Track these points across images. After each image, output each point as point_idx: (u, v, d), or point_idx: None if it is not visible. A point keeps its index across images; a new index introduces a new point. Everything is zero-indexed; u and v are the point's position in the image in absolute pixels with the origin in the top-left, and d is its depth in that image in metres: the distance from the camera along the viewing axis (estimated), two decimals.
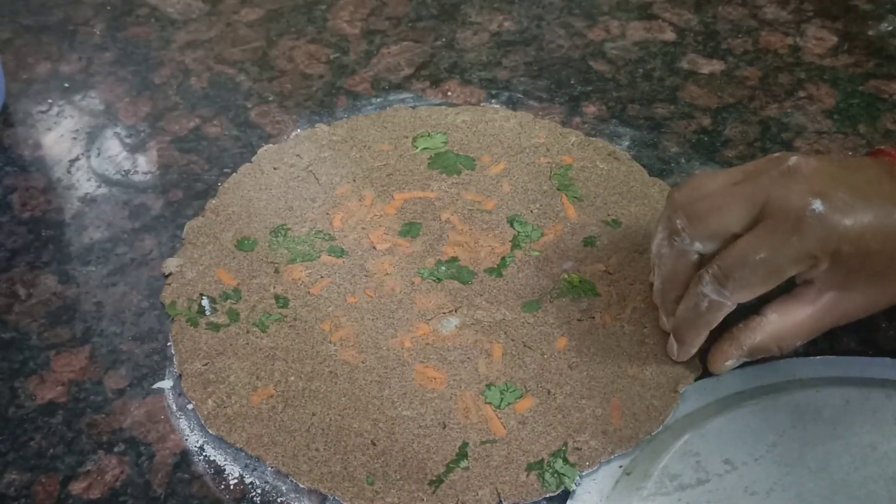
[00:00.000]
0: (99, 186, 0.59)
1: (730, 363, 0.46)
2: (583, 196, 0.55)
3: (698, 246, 0.44)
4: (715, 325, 0.45)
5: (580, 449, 0.43)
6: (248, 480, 0.43)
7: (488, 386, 0.46)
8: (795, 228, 0.42)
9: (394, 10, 0.74)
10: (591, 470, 0.43)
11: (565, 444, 0.44)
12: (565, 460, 0.43)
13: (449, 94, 0.65)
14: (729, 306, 0.44)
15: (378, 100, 0.65)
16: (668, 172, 0.58)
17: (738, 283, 0.43)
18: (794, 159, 0.44)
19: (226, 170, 0.59)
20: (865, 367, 0.47)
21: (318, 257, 0.52)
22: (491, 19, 0.73)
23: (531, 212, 0.55)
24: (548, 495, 0.42)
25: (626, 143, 0.60)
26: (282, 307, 0.50)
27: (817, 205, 0.42)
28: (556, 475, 0.42)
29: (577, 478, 0.42)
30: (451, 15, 0.74)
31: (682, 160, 0.59)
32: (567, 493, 0.42)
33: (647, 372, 0.46)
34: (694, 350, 0.46)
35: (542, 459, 0.43)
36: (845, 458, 0.42)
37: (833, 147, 0.60)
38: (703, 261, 0.45)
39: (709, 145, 0.60)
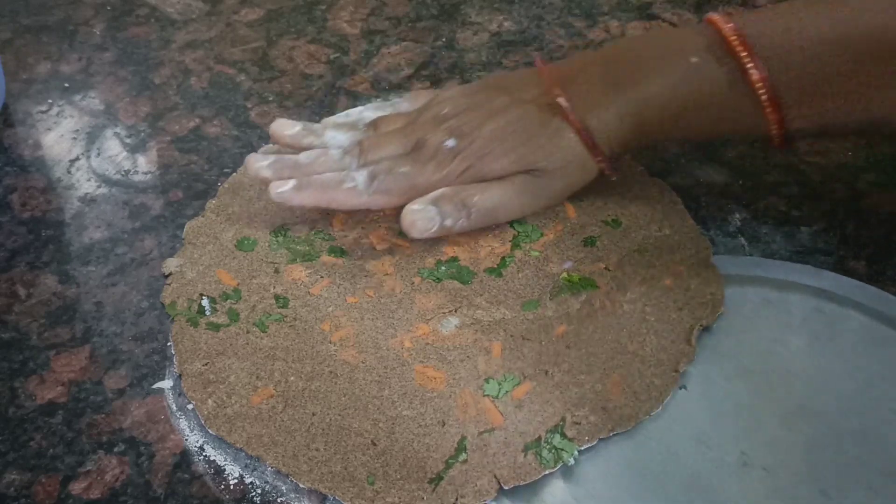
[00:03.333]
0: (99, 186, 0.59)
1: (417, 208, 0.50)
2: (582, 196, 0.55)
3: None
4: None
5: (579, 423, 0.43)
6: (248, 480, 0.43)
7: (487, 380, 0.46)
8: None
9: (394, 10, 0.74)
10: (589, 444, 0.43)
11: (563, 419, 0.43)
12: (563, 435, 0.43)
13: None
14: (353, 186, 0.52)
15: (378, 100, 0.65)
16: (668, 172, 0.58)
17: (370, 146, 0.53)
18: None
19: (226, 170, 0.59)
20: (788, 271, 0.51)
21: (318, 257, 0.52)
22: (491, 19, 0.73)
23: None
24: (547, 472, 0.42)
25: None
26: (282, 307, 0.50)
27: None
28: (553, 451, 0.42)
29: (576, 452, 0.42)
30: (451, 15, 0.74)
31: (683, 160, 0.59)
32: (567, 470, 0.42)
33: (647, 348, 0.46)
34: (297, 195, 0.51)
35: (539, 437, 0.43)
36: (757, 348, 0.47)
37: (833, 146, 0.59)
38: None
39: (709, 145, 0.60)
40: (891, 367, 0.46)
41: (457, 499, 0.41)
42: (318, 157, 0.53)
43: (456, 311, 0.49)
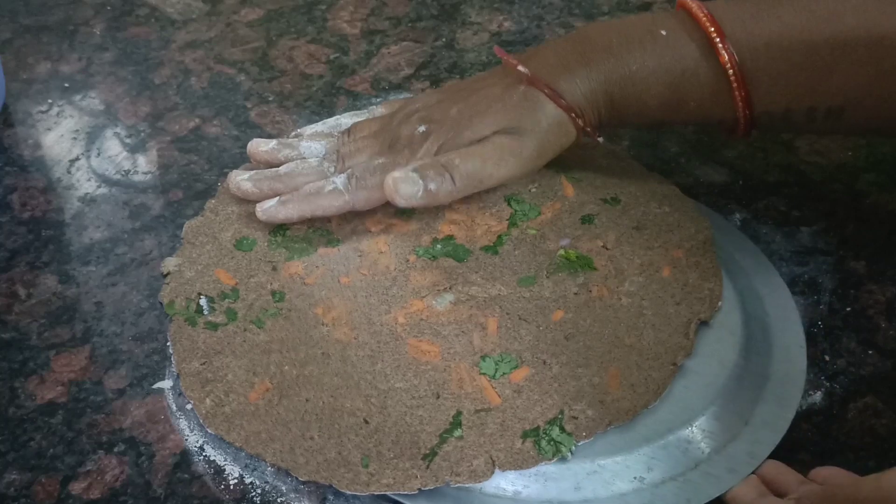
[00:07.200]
0: (99, 186, 0.59)
1: (398, 174, 0.50)
2: (582, 178, 0.55)
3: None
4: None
5: (577, 418, 0.43)
6: (248, 480, 0.43)
7: (483, 357, 0.46)
8: None
9: (394, 10, 0.74)
10: (587, 440, 0.43)
11: (562, 412, 0.43)
12: (562, 428, 0.43)
13: None
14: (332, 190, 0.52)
15: (378, 100, 0.65)
16: (669, 172, 0.58)
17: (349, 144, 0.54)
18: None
19: (225, 170, 0.59)
20: None
21: (315, 251, 0.52)
22: (491, 19, 0.73)
23: (529, 191, 0.54)
24: (544, 463, 0.42)
25: (626, 143, 0.60)
26: (278, 301, 0.49)
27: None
28: (552, 443, 0.42)
29: (574, 446, 0.42)
30: (451, 15, 0.74)
31: (682, 160, 0.59)
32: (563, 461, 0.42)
33: (644, 341, 0.46)
34: (283, 209, 0.52)
35: (538, 427, 0.43)
36: None
37: (833, 146, 0.60)
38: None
39: (709, 145, 0.60)
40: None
41: (451, 476, 0.41)
42: (296, 166, 0.54)
43: (451, 288, 0.49)
